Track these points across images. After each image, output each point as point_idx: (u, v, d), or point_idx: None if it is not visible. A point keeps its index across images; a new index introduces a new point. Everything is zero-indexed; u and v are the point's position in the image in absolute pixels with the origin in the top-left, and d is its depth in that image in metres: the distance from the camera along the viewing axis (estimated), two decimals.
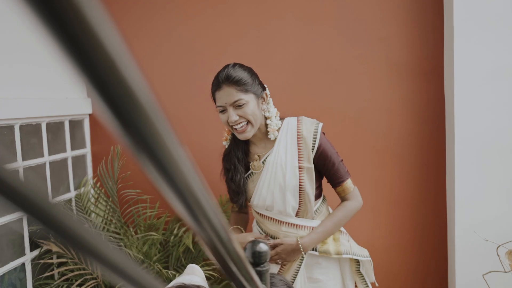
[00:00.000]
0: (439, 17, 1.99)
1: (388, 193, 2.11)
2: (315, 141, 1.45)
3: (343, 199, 1.53)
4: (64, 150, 2.09)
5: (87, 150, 2.28)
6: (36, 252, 1.85)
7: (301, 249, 1.44)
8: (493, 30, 1.81)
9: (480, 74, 1.83)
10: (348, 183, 1.50)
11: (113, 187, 1.99)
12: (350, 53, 2.09)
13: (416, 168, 2.09)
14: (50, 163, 1.96)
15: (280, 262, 1.50)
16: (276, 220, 1.50)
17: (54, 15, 0.16)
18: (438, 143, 2.05)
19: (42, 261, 1.86)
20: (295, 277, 1.49)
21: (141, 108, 0.21)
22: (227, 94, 1.38)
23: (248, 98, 1.39)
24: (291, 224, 1.48)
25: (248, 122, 1.41)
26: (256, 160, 1.51)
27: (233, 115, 1.38)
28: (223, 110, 1.42)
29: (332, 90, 2.11)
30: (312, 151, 1.45)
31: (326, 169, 1.48)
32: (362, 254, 1.53)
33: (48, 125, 1.96)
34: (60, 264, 1.93)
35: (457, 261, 1.90)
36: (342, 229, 1.58)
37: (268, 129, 1.47)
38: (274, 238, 1.51)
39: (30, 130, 1.84)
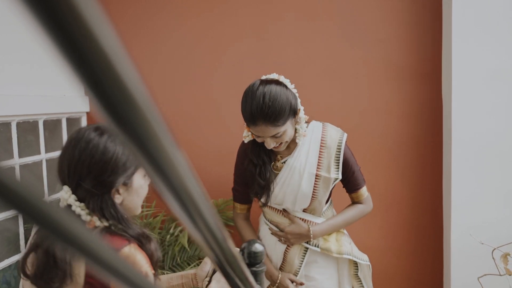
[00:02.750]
0: (438, 18, 2.00)
1: (384, 195, 2.11)
2: (339, 152, 1.48)
3: (355, 203, 1.59)
4: (61, 148, 2.08)
5: None
6: None
7: (311, 235, 1.48)
8: (491, 32, 1.82)
9: (478, 76, 1.84)
10: (363, 190, 1.56)
11: None
12: (349, 54, 2.09)
13: (413, 170, 2.09)
14: (46, 160, 1.95)
15: (283, 241, 1.53)
16: (283, 213, 1.54)
17: (51, 14, 0.16)
18: (435, 145, 2.05)
19: None
20: (296, 276, 1.54)
21: (138, 107, 0.21)
22: (265, 130, 1.33)
23: (286, 127, 1.36)
24: (298, 218, 1.52)
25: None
26: (278, 161, 1.53)
27: (271, 144, 1.37)
28: (259, 137, 1.39)
29: (331, 91, 2.11)
30: (337, 163, 1.47)
31: (345, 177, 1.53)
32: (363, 258, 1.57)
33: (45, 122, 1.95)
34: None
35: (453, 264, 1.90)
36: (345, 231, 1.62)
37: (297, 134, 1.47)
38: (279, 229, 1.55)
39: (27, 127, 1.84)
